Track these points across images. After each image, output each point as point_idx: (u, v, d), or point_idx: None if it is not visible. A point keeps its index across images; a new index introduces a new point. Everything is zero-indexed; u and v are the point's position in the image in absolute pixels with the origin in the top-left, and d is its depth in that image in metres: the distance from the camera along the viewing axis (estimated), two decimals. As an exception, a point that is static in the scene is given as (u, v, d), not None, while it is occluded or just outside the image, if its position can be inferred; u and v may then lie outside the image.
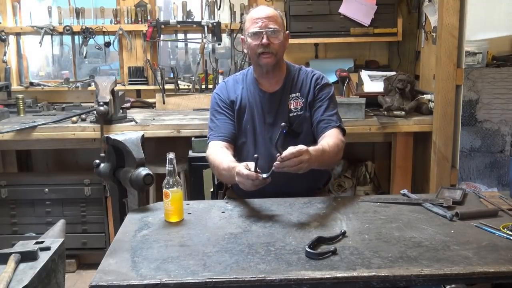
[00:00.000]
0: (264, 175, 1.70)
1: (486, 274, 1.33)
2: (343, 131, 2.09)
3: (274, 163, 1.68)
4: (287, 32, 2.12)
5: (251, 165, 1.72)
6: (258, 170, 1.70)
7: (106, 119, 2.97)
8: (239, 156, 2.11)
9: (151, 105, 3.67)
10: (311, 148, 1.77)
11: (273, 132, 2.07)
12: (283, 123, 1.78)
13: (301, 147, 1.71)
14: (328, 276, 1.31)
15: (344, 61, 3.64)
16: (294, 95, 2.12)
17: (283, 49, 2.09)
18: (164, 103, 3.54)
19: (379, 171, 3.72)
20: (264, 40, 2.00)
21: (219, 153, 2.01)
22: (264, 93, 2.13)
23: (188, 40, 3.81)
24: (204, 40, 3.68)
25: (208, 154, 2.07)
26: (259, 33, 2.01)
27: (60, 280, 1.52)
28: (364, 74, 3.45)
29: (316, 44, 3.74)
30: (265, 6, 2.12)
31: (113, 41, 3.67)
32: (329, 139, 1.99)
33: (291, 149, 1.68)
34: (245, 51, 2.17)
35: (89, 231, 3.27)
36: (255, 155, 1.72)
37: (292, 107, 2.11)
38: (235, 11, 3.69)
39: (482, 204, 1.84)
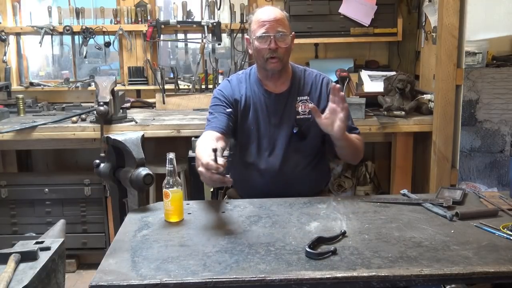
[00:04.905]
0: (220, 160, 1.58)
1: (486, 274, 1.33)
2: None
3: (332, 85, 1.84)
4: (293, 33, 2.08)
5: (220, 160, 1.60)
6: (219, 163, 1.59)
7: (106, 119, 2.97)
8: (242, 156, 2.10)
9: (151, 105, 3.67)
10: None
11: (278, 133, 2.06)
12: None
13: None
14: (328, 276, 1.31)
15: (344, 61, 3.64)
16: (303, 98, 2.09)
17: (289, 53, 2.06)
18: (164, 103, 3.54)
19: (379, 171, 3.71)
20: (272, 45, 1.97)
21: (204, 145, 1.79)
22: (269, 94, 2.10)
23: (188, 40, 3.81)
24: (204, 40, 3.68)
25: (196, 144, 1.91)
26: (267, 37, 1.98)
27: (60, 280, 1.52)
28: (364, 74, 3.45)
29: (316, 44, 3.73)
30: (272, 7, 2.08)
31: (113, 41, 3.67)
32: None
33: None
34: (250, 51, 2.13)
35: (89, 231, 3.27)
36: (213, 147, 1.60)
37: (300, 109, 2.08)
38: (235, 11, 3.69)
39: (482, 204, 1.84)
